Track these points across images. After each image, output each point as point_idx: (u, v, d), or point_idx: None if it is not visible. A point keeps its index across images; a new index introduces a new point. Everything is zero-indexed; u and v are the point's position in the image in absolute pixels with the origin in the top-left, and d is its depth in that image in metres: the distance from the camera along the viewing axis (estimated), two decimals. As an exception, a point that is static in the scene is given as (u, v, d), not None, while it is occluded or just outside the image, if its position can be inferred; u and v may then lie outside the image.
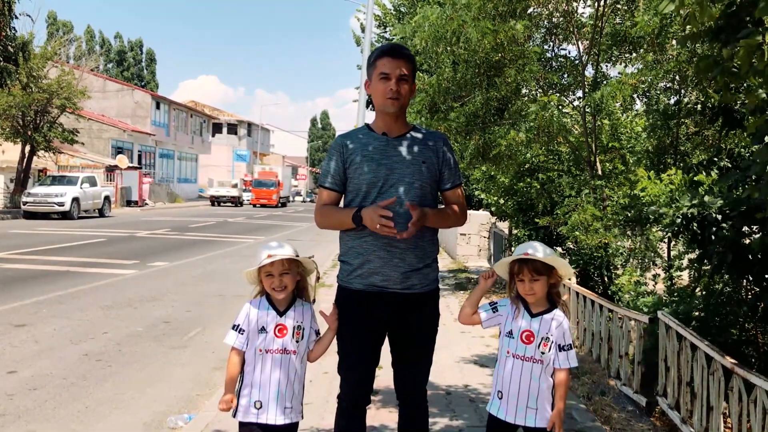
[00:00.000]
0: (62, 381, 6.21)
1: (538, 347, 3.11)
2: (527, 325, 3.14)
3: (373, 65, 3.33)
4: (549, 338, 3.11)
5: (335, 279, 3.49)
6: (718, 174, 6.03)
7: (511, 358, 3.15)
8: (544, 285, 3.13)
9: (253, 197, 53.94)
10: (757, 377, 3.82)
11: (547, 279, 3.13)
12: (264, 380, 3.20)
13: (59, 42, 35.94)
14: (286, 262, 3.19)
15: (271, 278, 3.19)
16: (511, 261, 3.20)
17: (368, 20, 19.26)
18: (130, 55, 71.81)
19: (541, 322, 3.13)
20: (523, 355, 3.12)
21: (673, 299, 6.68)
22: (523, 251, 3.16)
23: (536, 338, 3.12)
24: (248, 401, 3.20)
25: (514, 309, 3.20)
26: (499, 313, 3.25)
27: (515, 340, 3.15)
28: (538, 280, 3.11)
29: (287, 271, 3.20)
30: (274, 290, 3.20)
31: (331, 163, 3.39)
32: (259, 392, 3.19)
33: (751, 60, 3.24)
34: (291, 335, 3.22)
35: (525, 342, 3.13)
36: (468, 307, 3.31)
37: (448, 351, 7.04)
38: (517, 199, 12.01)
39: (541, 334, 3.12)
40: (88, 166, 38.24)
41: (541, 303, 3.17)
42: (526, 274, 3.12)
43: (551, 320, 3.14)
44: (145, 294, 10.79)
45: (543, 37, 10.16)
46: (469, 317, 3.31)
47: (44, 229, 22.54)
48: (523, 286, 3.13)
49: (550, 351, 3.11)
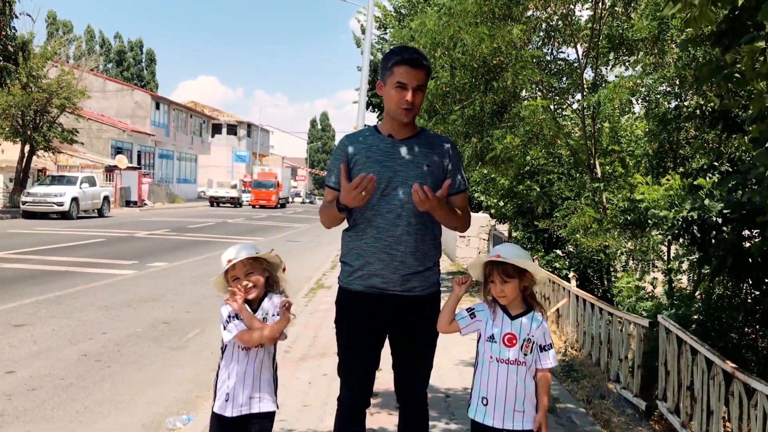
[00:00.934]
0: (61, 381, 6.20)
1: (520, 349, 3.08)
2: (508, 327, 3.12)
3: (390, 70, 3.25)
4: (531, 339, 3.10)
5: (334, 281, 3.49)
6: (718, 178, 6.03)
7: (495, 363, 3.11)
8: (515, 288, 3.10)
9: (253, 198, 53.91)
10: (758, 382, 3.82)
11: (519, 282, 3.10)
12: (233, 373, 3.29)
13: (59, 42, 35.89)
14: (247, 262, 3.29)
15: (238, 281, 3.28)
16: (482, 263, 3.19)
17: (368, 22, 19.26)
18: (129, 55, 71.77)
19: (522, 324, 3.11)
20: (507, 358, 3.09)
21: (672, 302, 6.68)
22: (495, 253, 3.15)
23: (518, 340, 3.09)
24: (223, 393, 3.31)
25: (492, 312, 3.17)
26: (477, 318, 3.20)
27: (498, 344, 3.11)
28: (509, 283, 3.09)
29: (251, 271, 3.29)
30: (244, 292, 3.27)
31: (336, 163, 3.37)
32: (234, 383, 3.28)
33: (755, 65, 3.24)
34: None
35: (508, 345, 3.10)
36: (445, 315, 3.25)
37: (447, 354, 7.03)
38: (517, 202, 12.01)
39: (523, 335, 3.09)
40: (88, 166, 38.23)
41: (518, 305, 3.15)
42: (496, 276, 3.10)
43: (531, 321, 3.12)
44: (144, 294, 10.78)
45: (542, 40, 10.16)
46: (446, 326, 3.25)
47: (43, 228, 22.52)
48: (494, 288, 3.12)
49: (532, 353, 3.10)
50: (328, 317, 3.87)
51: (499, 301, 3.14)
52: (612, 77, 9.57)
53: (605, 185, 9.26)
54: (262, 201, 53.23)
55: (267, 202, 53.24)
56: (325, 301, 10.10)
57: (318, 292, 11.29)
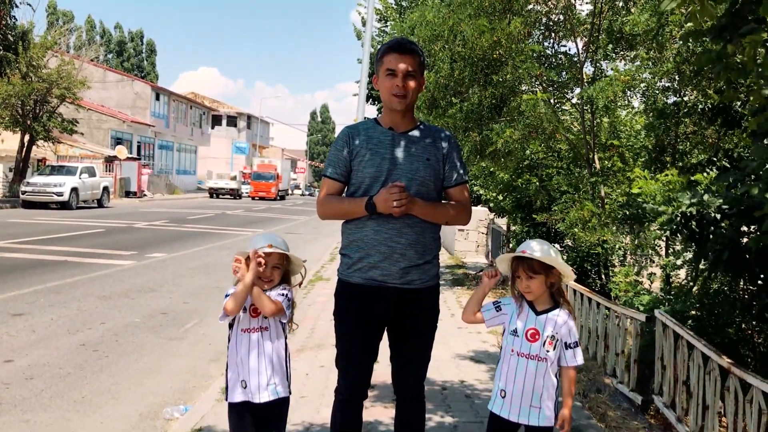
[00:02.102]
0: (59, 371, 6.22)
1: (543, 345, 3.10)
2: (533, 323, 3.13)
3: (380, 61, 3.32)
4: (555, 336, 3.11)
5: (333, 273, 3.51)
6: (716, 174, 6.03)
7: (515, 356, 3.14)
8: (541, 284, 3.12)
9: (252, 190, 53.93)
10: (754, 377, 3.83)
11: (545, 278, 3.12)
12: (243, 359, 3.30)
13: (59, 31, 35.83)
14: (282, 257, 3.31)
15: (263, 268, 3.25)
16: (510, 258, 3.20)
17: (369, 14, 19.20)
18: (130, 46, 71.62)
19: (546, 320, 3.13)
20: (528, 353, 3.11)
21: (669, 297, 6.69)
22: (522, 248, 3.16)
23: (542, 336, 3.11)
24: (235, 382, 3.32)
25: (518, 306, 3.19)
26: (503, 312, 3.23)
27: (520, 338, 3.14)
28: (534, 278, 3.11)
29: (278, 266, 3.31)
30: (260, 279, 3.26)
31: (337, 153, 3.38)
32: (244, 372, 3.30)
33: (756, 56, 3.23)
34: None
35: (530, 340, 3.12)
36: (471, 305, 3.29)
37: (444, 347, 7.05)
38: (516, 196, 12.00)
39: (547, 332, 3.11)
40: (87, 157, 38.20)
41: (544, 301, 3.16)
42: (522, 272, 3.12)
43: (557, 318, 3.13)
44: (143, 285, 10.79)
45: (542, 33, 10.15)
46: (472, 316, 3.30)
47: (42, 218, 22.52)
48: (520, 283, 3.14)
49: (555, 349, 3.10)
50: (327, 309, 3.88)
51: (525, 296, 3.16)
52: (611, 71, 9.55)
53: (604, 180, 9.26)
54: (261, 193, 53.24)
55: (266, 193, 53.23)
56: (323, 293, 10.10)
57: (316, 284, 11.30)
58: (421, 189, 3.28)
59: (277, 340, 3.36)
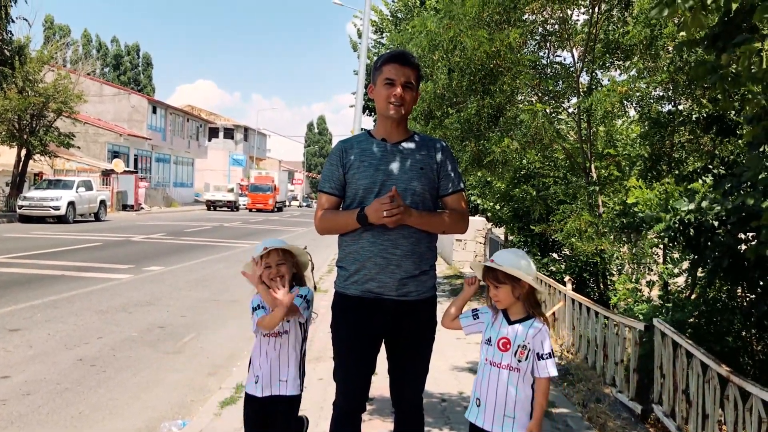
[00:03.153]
0: (56, 386, 6.19)
1: (514, 355, 3.07)
2: (505, 332, 3.12)
3: (379, 70, 3.34)
4: (526, 346, 3.07)
5: (331, 284, 3.52)
6: (713, 181, 6.04)
7: (488, 366, 3.12)
8: (507, 293, 3.09)
9: (250, 202, 53.89)
10: (753, 385, 3.82)
11: (511, 288, 3.09)
12: (262, 359, 3.56)
13: (56, 46, 35.82)
14: (280, 251, 3.49)
15: (269, 269, 3.45)
16: (481, 267, 3.20)
17: (365, 26, 19.28)
18: (126, 59, 71.71)
19: (518, 329, 3.10)
20: (500, 362, 3.09)
21: (667, 306, 6.68)
22: (491, 258, 3.17)
23: (512, 345, 3.08)
24: (251, 376, 3.62)
25: (493, 316, 3.19)
26: (479, 320, 3.22)
27: (493, 347, 3.12)
28: (500, 288, 3.10)
29: (283, 262, 3.49)
30: (272, 281, 3.42)
31: (331, 168, 3.40)
32: (260, 368, 3.57)
33: (751, 66, 3.23)
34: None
35: (502, 349, 3.09)
36: (451, 311, 3.30)
37: (443, 358, 7.03)
38: (513, 205, 12.00)
39: (518, 341, 3.07)
40: (84, 170, 38.18)
41: (518, 310, 3.14)
42: (488, 280, 3.12)
43: (529, 328, 3.09)
44: (140, 299, 10.76)
45: (538, 44, 10.17)
46: (450, 322, 3.31)
47: (39, 233, 22.48)
48: (490, 291, 3.15)
49: (527, 359, 3.07)
50: (324, 321, 3.87)
51: (497, 305, 3.15)
52: (606, 81, 9.57)
53: (601, 188, 9.26)
54: (259, 204, 53.21)
55: (264, 205, 53.21)
56: (321, 305, 10.03)
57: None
58: (415, 199, 3.28)
59: (296, 342, 3.60)
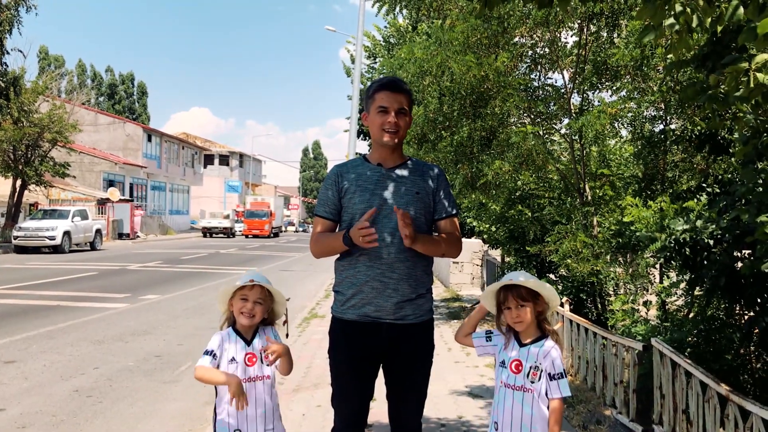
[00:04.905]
0: (52, 418, 6.13)
1: (527, 376, 3.09)
2: (516, 354, 3.13)
3: (372, 98, 3.36)
4: (539, 367, 3.09)
5: (328, 310, 3.49)
6: (707, 200, 6.06)
7: (503, 388, 3.14)
8: (530, 312, 3.12)
9: (246, 228, 53.84)
10: (753, 404, 3.80)
11: (533, 306, 3.12)
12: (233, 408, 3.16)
13: (50, 76, 36.04)
14: (265, 292, 3.28)
15: (245, 302, 3.25)
16: (497, 289, 3.19)
17: (358, 51, 19.43)
18: (121, 89, 72.00)
19: (529, 351, 3.12)
20: (514, 384, 3.11)
21: (665, 325, 6.67)
22: (508, 279, 3.17)
23: (524, 367, 3.10)
24: (228, 428, 3.21)
25: (506, 339, 3.19)
26: (492, 342, 3.24)
27: (506, 369, 3.14)
28: (525, 307, 3.11)
29: (261, 301, 3.26)
30: (242, 314, 3.25)
31: (326, 193, 3.42)
32: (237, 421, 3.21)
33: (738, 86, 3.26)
34: (260, 360, 3.26)
35: (515, 371, 3.11)
36: (466, 327, 3.32)
37: (442, 382, 6.99)
38: (509, 227, 12.02)
39: (530, 362, 3.10)
40: (80, 200, 38.16)
41: (530, 332, 3.16)
42: (511, 300, 3.12)
43: (540, 349, 3.12)
44: (137, 328, 10.70)
45: (529, 66, 10.25)
46: (464, 338, 3.32)
47: (35, 263, 22.41)
48: (510, 314, 3.13)
49: (540, 380, 3.09)
50: (322, 347, 3.85)
51: (515, 327, 3.15)
52: (597, 102, 9.64)
53: (595, 209, 9.29)
54: (255, 230, 53.15)
55: (260, 231, 53.15)
56: (318, 331, 10.04)
57: (311, 322, 11.22)
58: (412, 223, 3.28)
59: (272, 387, 3.32)
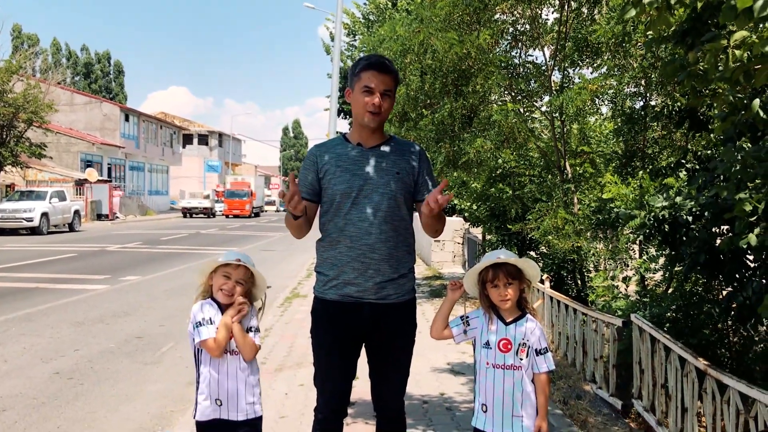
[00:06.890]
0: (32, 401, 6.09)
1: (516, 354, 3.11)
2: (503, 333, 3.14)
3: (357, 76, 3.29)
4: (526, 344, 3.12)
5: (310, 289, 3.48)
6: (686, 176, 6.09)
7: (491, 369, 3.14)
8: (516, 289, 3.14)
9: (226, 208, 53.57)
10: (730, 378, 3.85)
11: (519, 283, 3.14)
12: (222, 379, 3.26)
13: (24, 55, 35.48)
14: (248, 272, 3.31)
15: (227, 280, 3.27)
16: (483, 268, 3.18)
17: (337, 29, 19.26)
18: (97, 68, 70.96)
19: (516, 328, 3.14)
20: (503, 363, 3.12)
21: (644, 300, 6.73)
22: (494, 257, 3.17)
23: (513, 345, 3.12)
24: (209, 401, 3.27)
25: (488, 319, 3.19)
26: (472, 326, 3.22)
27: (493, 350, 3.14)
28: (512, 284, 3.12)
29: (242, 282, 3.29)
30: (221, 290, 3.27)
31: (305, 173, 3.39)
32: (219, 391, 3.26)
33: (717, 63, 3.27)
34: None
35: (503, 350, 3.13)
36: (438, 321, 3.26)
37: (424, 360, 7.03)
38: (490, 205, 12.04)
39: (518, 340, 3.13)
40: (57, 181, 37.72)
41: (512, 310, 3.18)
42: (501, 278, 3.12)
43: (525, 325, 3.15)
44: (117, 309, 10.64)
45: (509, 43, 10.20)
46: (440, 332, 3.27)
47: (12, 245, 22.17)
48: (497, 292, 3.13)
49: (528, 356, 3.12)
50: (304, 327, 3.85)
51: (501, 306, 3.16)
52: (578, 79, 9.63)
53: (576, 186, 9.32)
54: (235, 210, 52.89)
55: (241, 211, 52.90)
56: (300, 311, 10.04)
57: (293, 301, 11.22)
58: (392, 203, 3.28)
59: (249, 363, 3.34)
